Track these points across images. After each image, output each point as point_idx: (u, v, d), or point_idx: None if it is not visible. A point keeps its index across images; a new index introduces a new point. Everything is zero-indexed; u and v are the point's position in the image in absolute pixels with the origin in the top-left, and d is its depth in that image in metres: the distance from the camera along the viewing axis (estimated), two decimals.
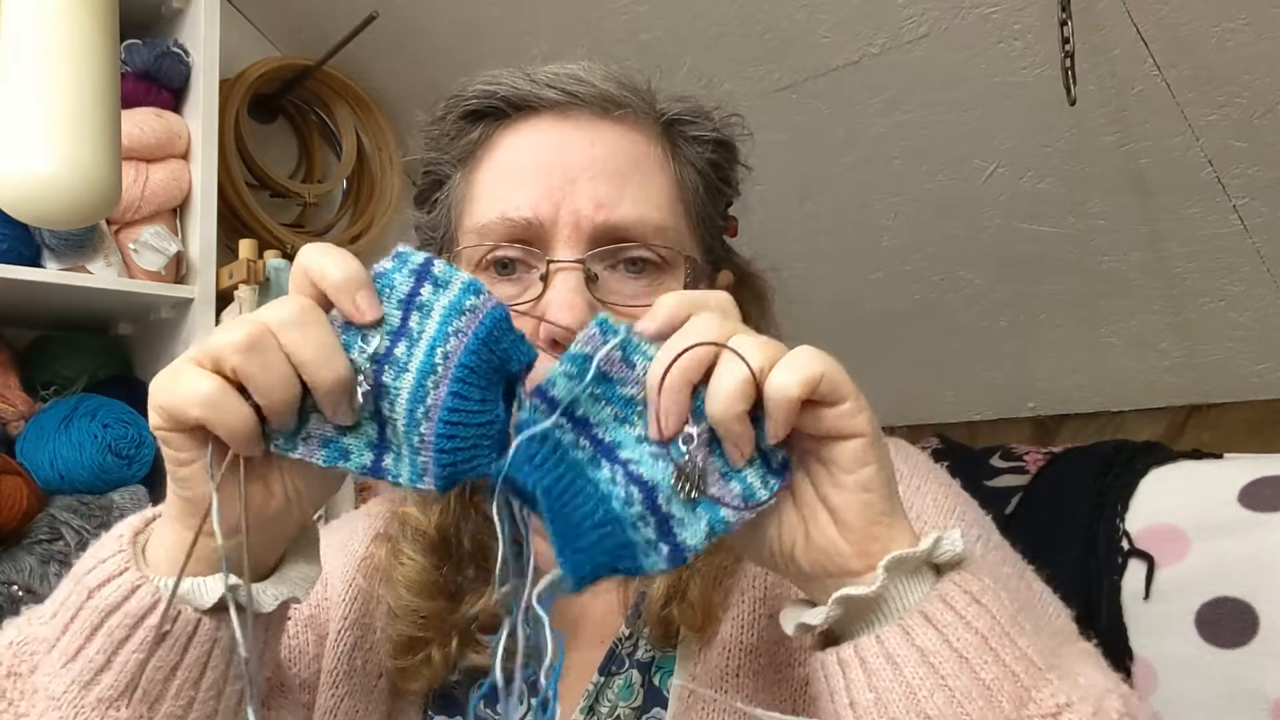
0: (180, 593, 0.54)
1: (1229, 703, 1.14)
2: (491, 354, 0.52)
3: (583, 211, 0.69)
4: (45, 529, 1.47)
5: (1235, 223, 1.37)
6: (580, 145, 0.71)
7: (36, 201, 1.20)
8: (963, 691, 0.51)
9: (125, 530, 0.58)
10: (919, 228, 1.60)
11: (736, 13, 1.47)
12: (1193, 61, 1.24)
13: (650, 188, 0.72)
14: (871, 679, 0.52)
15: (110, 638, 0.54)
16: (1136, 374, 1.60)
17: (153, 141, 1.63)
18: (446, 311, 0.52)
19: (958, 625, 0.52)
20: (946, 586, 0.53)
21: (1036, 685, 0.52)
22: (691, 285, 0.71)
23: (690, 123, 0.76)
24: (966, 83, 1.40)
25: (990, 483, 1.45)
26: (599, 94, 0.72)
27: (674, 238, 0.72)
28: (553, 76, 0.73)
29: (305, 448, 0.54)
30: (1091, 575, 1.27)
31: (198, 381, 0.51)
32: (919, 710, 0.51)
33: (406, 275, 0.53)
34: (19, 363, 1.65)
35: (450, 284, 0.53)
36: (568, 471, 0.52)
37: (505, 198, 0.71)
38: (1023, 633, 0.53)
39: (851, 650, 0.53)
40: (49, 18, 1.20)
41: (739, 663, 0.71)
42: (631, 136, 0.73)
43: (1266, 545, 1.17)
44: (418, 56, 1.88)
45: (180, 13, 1.74)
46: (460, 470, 0.52)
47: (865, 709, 0.52)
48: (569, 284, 0.68)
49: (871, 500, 0.53)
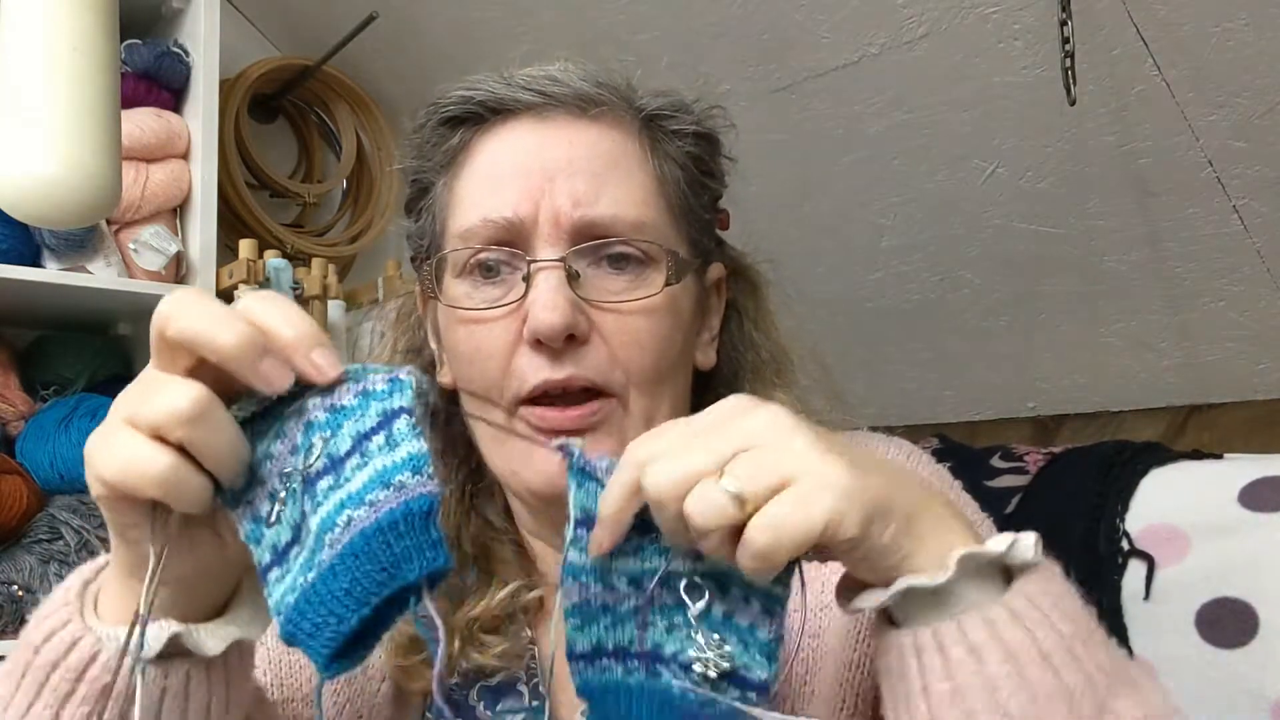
0: (121, 643, 0.52)
1: (1229, 703, 1.14)
2: (387, 548, 0.46)
3: (562, 209, 0.70)
4: (45, 529, 1.47)
5: (1235, 223, 1.37)
6: (558, 145, 0.72)
7: (36, 201, 1.20)
8: (1045, 693, 0.49)
9: (75, 582, 0.57)
10: (919, 228, 1.60)
11: (736, 13, 1.47)
12: (1193, 61, 1.24)
13: (629, 184, 0.72)
14: (950, 668, 0.50)
15: (55, 693, 0.53)
16: (1136, 374, 1.60)
17: (153, 141, 1.63)
18: (376, 476, 0.47)
19: (1044, 624, 0.50)
20: (1030, 586, 0.51)
21: (1113, 695, 0.51)
22: (674, 280, 0.71)
23: (670, 117, 0.76)
24: (966, 83, 1.40)
25: (990, 483, 1.45)
26: (575, 94, 0.73)
27: (654, 233, 0.72)
28: (529, 79, 0.73)
29: (240, 510, 0.50)
30: (1091, 575, 1.27)
31: (150, 457, 0.48)
32: (999, 707, 0.49)
33: (377, 412, 0.49)
34: (19, 363, 1.65)
35: (398, 448, 0.48)
36: (645, 705, 0.53)
37: (486, 201, 0.72)
38: (1098, 643, 0.52)
39: (930, 635, 0.50)
40: (49, 18, 1.20)
41: None
42: (610, 134, 0.73)
43: (1267, 545, 1.17)
44: (417, 57, 1.88)
45: (180, 13, 1.74)
46: (297, 640, 0.47)
47: (940, 698, 0.50)
48: (550, 283, 0.68)
49: (878, 565, 0.51)
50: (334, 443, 0.48)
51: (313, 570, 0.47)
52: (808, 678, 0.71)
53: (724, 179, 0.82)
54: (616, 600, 0.54)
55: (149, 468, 0.48)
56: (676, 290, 0.72)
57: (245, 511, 0.50)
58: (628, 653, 0.54)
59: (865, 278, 1.70)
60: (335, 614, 0.46)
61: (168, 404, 0.47)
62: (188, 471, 0.48)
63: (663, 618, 0.55)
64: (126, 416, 0.49)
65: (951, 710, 0.50)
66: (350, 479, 0.48)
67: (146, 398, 0.49)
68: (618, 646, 0.54)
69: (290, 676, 0.78)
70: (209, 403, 0.48)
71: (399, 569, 0.46)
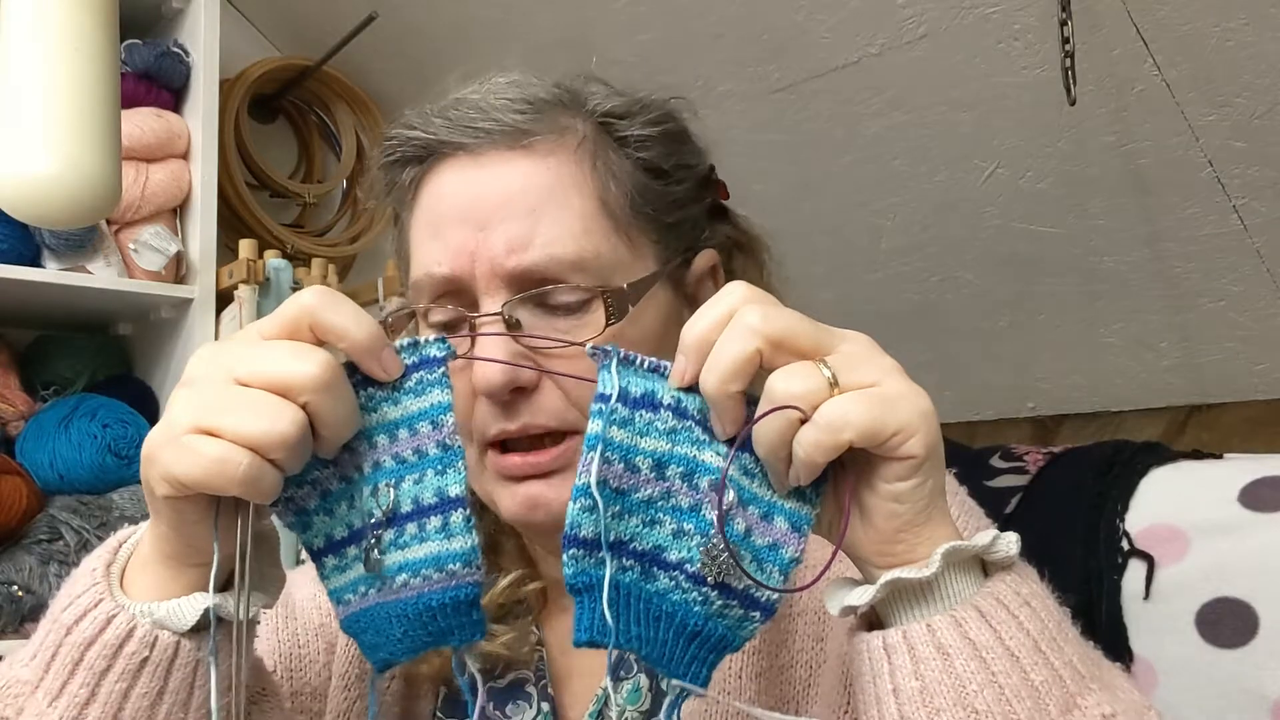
0: (158, 618, 0.55)
1: (1229, 703, 1.14)
2: (434, 620, 0.55)
3: (496, 259, 0.68)
4: (45, 529, 1.47)
5: (1235, 223, 1.37)
6: (490, 186, 0.70)
7: (36, 201, 1.20)
8: (1012, 690, 0.50)
9: (97, 564, 0.58)
10: (919, 228, 1.60)
11: (735, 13, 1.47)
12: (1193, 61, 1.24)
13: (567, 216, 0.70)
14: (919, 667, 0.51)
15: (91, 670, 0.55)
16: (1136, 374, 1.60)
17: (153, 141, 1.63)
18: (431, 558, 0.55)
19: (1011, 624, 0.52)
20: (999, 586, 0.53)
21: (1082, 692, 0.52)
22: (616, 316, 0.69)
23: (619, 122, 0.74)
24: (966, 83, 1.40)
25: (990, 483, 1.45)
26: (505, 128, 0.71)
27: (594, 265, 0.70)
28: (459, 114, 0.72)
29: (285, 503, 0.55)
30: (1091, 575, 1.27)
31: (235, 459, 0.50)
32: (966, 704, 0.50)
33: (434, 490, 0.55)
34: (19, 363, 1.65)
35: (454, 539, 0.55)
36: (637, 604, 0.53)
37: (428, 253, 0.72)
38: (1069, 640, 0.53)
39: (899, 636, 0.52)
40: (49, 18, 1.20)
41: (742, 664, 0.71)
42: (544, 164, 0.71)
43: (1267, 545, 1.17)
44: (417, 57, 1.88)
45: (180, 13, 1.74)
46: (358, 640, 0.57)
47: (909, 696, 0.51)
48: (490, 340, 0.68)
49: (900, 512, 0.52)
50: (398, 498, 0.55)
51: (373, 588, 0.55)
52: (811, 680, 0.71)
53: (697, 163, 0.79)
54: (633, 485, 0.53)
55: (234, 469, 0.50)
56: (623, 325, 0.70)
57: (288, 506, 0.55)
58: (625, 547, 0.54)
59: (865, 278, 1.71)
60: (389, 648, 0.56)
61: (303, 369, 0.51)
62: (267, 469, 0.51)
63: (673, 519, 0.54)
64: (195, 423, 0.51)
65: (921, 708, 0.51)
66: (409, 545, 0.55)
67: (276, 362, 0.52)
68: (617, 538, 0.53)
69: (300, 671, 0.79)
70: (340, 371, 0.52)
71: (444, 638, 0.55)
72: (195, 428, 0.50)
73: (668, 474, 0.54)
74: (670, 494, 0.54)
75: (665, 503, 0.54)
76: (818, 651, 0.71)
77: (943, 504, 0.54)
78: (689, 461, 0.54)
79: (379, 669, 0.57)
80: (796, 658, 0.71)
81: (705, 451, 0.54)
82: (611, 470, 0.53)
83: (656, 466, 0.54)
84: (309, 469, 0.54)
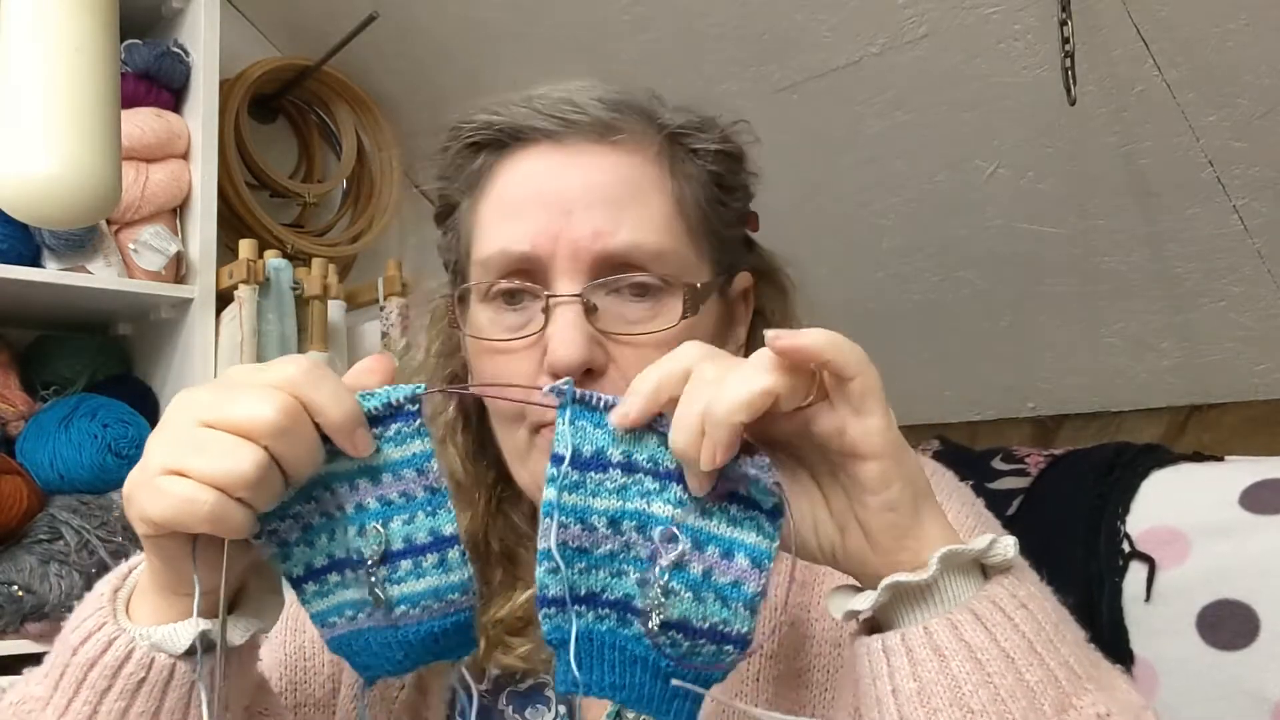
0: (155, 641, 0.58)
1: (1230, 705, 1.14)
2: (434, 642, 0.58)
3: (580, 243, 0.69)
4: (45, 529, 1.47)
5: (1235, 223, 1.37)
6: (576, 174, 0.71)
7: (36, 201, 1.20)
8: (1007, 690, 0.52)
9: (105, 588, 0.61)
10: (919, 228, 1.60)
11: (736, 13, 1.47)
12: (1193, 61, 1.24)
13: (649, 210, 0.72)
14: (917, 669, 0.53)
15: (94, 689, 0.58)
16: (1137, 374, 1.60)
17: (153, 141, 1.63)
18: (430, 590, 0.58)
19: (1005, 626, 0.53)
20: (995, 589, 0.54)
21: (1077, 692, 0.53)
22: (691, 312, 0.71)
23: (691, 135, 0.76)
24: (966, 83, 1.40)
25: (991, 485, 1.45)
26: (594, 120, 0.72)
27: (673, 260, 0.72)
28: (547, 104, 0.73)
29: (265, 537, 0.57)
30: (1093, 577, 1.27)
31: (199, 498, 0.52)
32: (962, 704, 0.52)
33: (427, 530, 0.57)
34: (19, 363, 1.65)
35: (452, 572, 0.58)
36: (611, 653, 0.56)
37: (504, 231, 0.72)
38: (1065, 642, 0.54)
39: (898, 638, 0.54)
40: (49, 18, 1.20)
41: (759, 668, 0.72)
42: (629, 160, 0.73)
43: (1267, 548, 1.17)
44: (418, 56, 1.88)
45: (180, 13, 1.74)
46: (347, 659, 0.60)
47: (907, 697, 0.53)
48: (567, 319, 0.68)
49: (896, 520, 0.54)
50: (388, 537, 0.57)
51: (362, 612, 0.58)
52: (828, 684, 0.72)
53: (750, 192, 0.82)
54: (593, 543, 0.55)
55: (200, 508, 0.52)
56: (694, 320, 0.72)
57: (270, 539, 0.57)
58: (598, 599, 0.56)
59: (866, 278, 1.71)
60: (388, 668, 0.59)
61: (261, 414, 0.53)
62: (234, 507, 0.52)
63: (635, 569, 0.56)
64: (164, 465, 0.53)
65: (920, 708, 0.52)
66: (405, 580, 0.57)
67: (238, 406, 0.53)
68: (589, 592, 0.56)
69: (305, 684, 0.80)
70: (300, 414, 0.54)
71: (442, 656, 0.59)
72: (165, 469, 0.53)
73: (623, 529, 0.56)
74: (629, 546, 0.56)
75: (626, 554, 0.56)
76: (835, 656, 0.72)
77: (932, 502, 0.55)
78: (640, 515, 0.55)
79: (369, 682, 0.60)
80: (814, 662, 0.71)
81: (655, 503, 0.55)
82: (569, 533, 0.55)
83: (611, 524, 0.55)
84: (290, 504, 0.56)
